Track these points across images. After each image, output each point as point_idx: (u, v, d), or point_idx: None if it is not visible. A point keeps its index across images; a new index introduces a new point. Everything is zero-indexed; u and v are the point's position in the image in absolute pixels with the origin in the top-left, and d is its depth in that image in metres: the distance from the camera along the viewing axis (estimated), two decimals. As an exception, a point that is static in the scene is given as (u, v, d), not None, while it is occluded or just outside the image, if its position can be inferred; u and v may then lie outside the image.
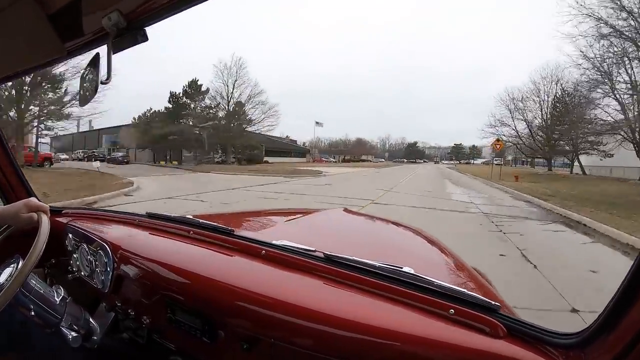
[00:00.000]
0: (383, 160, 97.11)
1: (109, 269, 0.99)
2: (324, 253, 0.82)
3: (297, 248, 0.86)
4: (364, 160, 75.08)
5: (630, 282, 0.49)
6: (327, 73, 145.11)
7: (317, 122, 71.81)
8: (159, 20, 0.66)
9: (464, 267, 1.15)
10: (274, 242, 0.90)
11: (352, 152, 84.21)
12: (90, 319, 0.94)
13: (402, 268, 0.74)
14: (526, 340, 0.60)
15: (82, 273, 1.11)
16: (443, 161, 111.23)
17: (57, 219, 1.28)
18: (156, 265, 0.89)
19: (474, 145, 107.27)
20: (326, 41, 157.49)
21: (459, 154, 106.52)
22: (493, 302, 0.65)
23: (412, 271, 0.73)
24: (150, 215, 1.18)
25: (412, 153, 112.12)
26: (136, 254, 0.96)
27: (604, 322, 0.53)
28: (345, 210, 1.94)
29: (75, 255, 1.15)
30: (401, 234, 1.60)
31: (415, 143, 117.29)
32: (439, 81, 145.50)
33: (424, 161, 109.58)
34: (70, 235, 1.19)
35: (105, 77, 0.68)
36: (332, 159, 73.91)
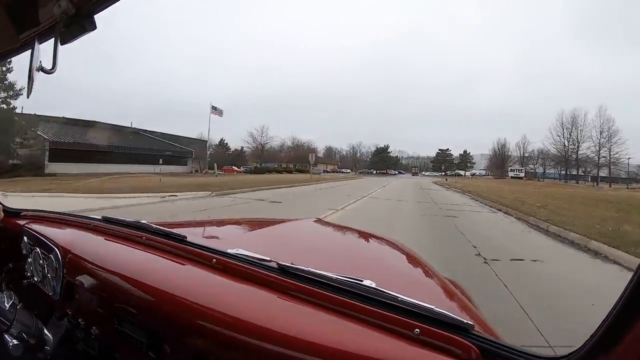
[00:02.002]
0: (341, 170, 70.99)
1: (59, 275, 0.96)
2: (277, 263, 0.77)
3: (250, 257, 0.81)
4: (301, 171, 48.25)
5: (632, 297, 0.40)
6: (301, 78, 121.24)
7: (213, 108, 39.60)
8: (108, 6, 0.67)
9: (439, 281, 1.09)
10: (228, 250, 0.85)
11: (294, 160, 58.79)
12: (44, 328, 0.89)
13: (362, 281, 0.67)
14: None
15: (35, 279, 1.07)
16: (424, 172, 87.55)
17: (16, 221, 1.26)
18: (105, 272, 0.87)
19: (465, 152, 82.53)
20: (305, 47, 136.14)
21: (446, 163, 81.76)
22: (465, 321, 0.58)
23: (373, 285, 0.66)
24: (106, 219, 1.15)
25: (382, 161, 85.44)
26: (85, 259, 0.93)
27: (597, 346, 0.44)
28: (317, 220, 1.88)
29: (29, 260, 1.10)
30: (373, 246, 1.54)
31: (387, 148, 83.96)
32: (419, 90, 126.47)
33: (399, 172, 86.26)
34: (25, 239, 1.14)
35: (51, 66, 0.68)
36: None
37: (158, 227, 1.00)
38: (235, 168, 44.66)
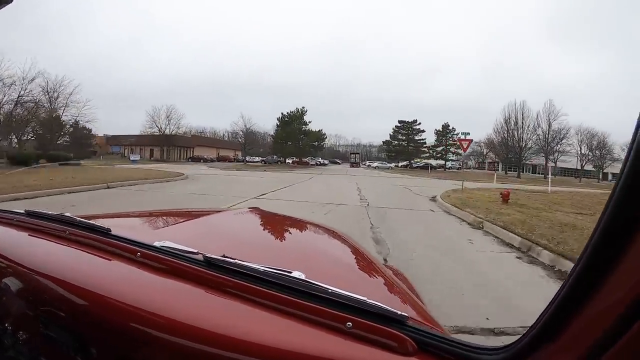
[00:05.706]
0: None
1: None
2: (203, 256, 0.74)
3: (176, 250, 0.78)
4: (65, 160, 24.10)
5: (574, 286, 0.39)
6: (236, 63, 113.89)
7: None
8: None
9: (379, 271, 1.09)
10: (155, 243, 0.82)
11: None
12: None
13: (290, 273, 0.66)
14: (441, 356, 0.52)
15: None
16: (369, 162, 57.31)
17: None
18: (29, 271, 0.83)
19: (446, 126, 48.12)
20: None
21: (409, 145, 48.67)
22: (399, 312, 0.58)
23: (302, 276, 0.66)
24: (29, 214, 1.10)
25: (291, 138, 43.50)
26: (8, 258, 0.89)
27: (538, 336, 0.43)
28: (254, 209, 1.85)
29: None
30: (311, 236, 1.50)
31: (302, 113, 44.81)
32: (368, 80, 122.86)
33: (333, 161, 56.14)
34: None
35: None
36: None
37: (82, 219, 0.96)
38: None
